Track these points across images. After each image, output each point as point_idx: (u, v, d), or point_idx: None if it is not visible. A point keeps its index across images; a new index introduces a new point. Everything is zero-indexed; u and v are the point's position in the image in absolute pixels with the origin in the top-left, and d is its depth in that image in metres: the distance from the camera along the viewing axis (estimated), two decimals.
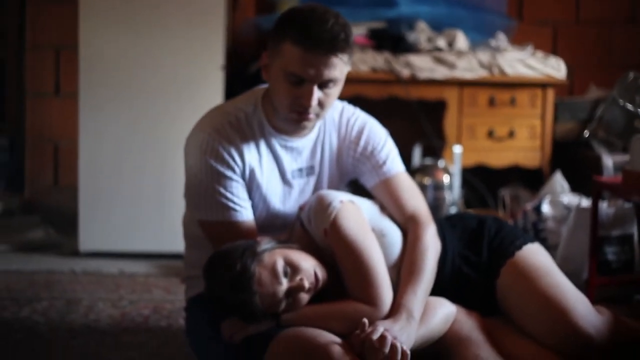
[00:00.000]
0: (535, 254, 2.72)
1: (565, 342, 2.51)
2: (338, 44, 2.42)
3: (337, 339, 2.36)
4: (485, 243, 2.75)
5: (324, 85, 2.47)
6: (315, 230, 2.50)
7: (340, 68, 2.46)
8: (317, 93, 2.46)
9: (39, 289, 3.71)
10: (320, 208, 2.49)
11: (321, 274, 2.43)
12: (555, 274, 2.66)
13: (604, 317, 2.60)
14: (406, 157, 3.63)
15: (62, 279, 3.89)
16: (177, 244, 2.99)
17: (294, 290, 2.38)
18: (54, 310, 3.42)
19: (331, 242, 2.47)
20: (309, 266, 2.41)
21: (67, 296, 3.62)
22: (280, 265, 2.38)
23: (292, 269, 2.39)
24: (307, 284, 2.38)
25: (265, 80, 2.57)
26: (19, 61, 5.11)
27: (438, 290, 2.59)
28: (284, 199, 2.67)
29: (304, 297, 2.40)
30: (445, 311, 2.56)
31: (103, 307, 3.47)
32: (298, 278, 2.39)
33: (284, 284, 2.38)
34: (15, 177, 5.11)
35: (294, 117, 2.52)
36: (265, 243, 2.44)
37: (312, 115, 2.51)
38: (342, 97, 2.79)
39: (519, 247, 2.72)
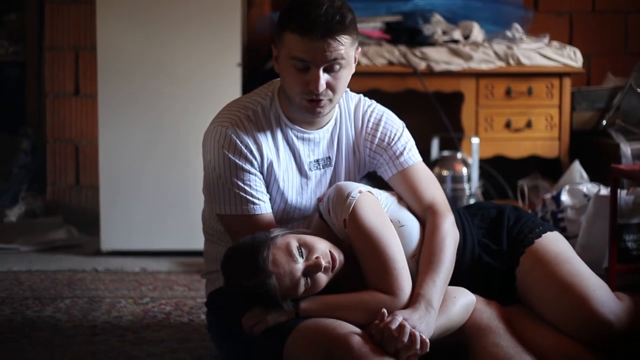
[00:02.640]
0: (555, 242, 2.72)
1: (585, 328, 2.51)
2: (333, 26, 2.45)
3: (357, 329, 2.38)
4: (504, 232, 2.76)
5: (330, 68, 2.49)
6: (334, 221, 2.52)
7: (342, 50, 2.48)
8: (324, 77, 2.49)
9: (62, 288, 3.74)
10: (339, 198, 2.50)
11: (337, 254, 2.44)
12: (575, 261, 2.66)
13: (624, 303, 2.59)
14: (424, 150, 3.64)
15: (85, 278, 3.92)
16: (197, 241, 3.01)
17: (312, 270, 2.39)
18: (76, 308, 3.45)
19: (350, 232, 2.48)
20: (324, 247, 2.43)
21: (89, 294, 3.65)
22: (294, 245, 2.40)
23: (308, 249, 2.41)
24: (324, 262, 2.40)
25: (276, 71, 2.60)
26: (39, 62, 5.14)
27: (457, 279, 2.60)
28: (301, 191, 2.69)
29: (322, 277, 2.42)
30: (465, 300, 2.56)
31: (125, 305, 3.50)
32: (314, 257, 2.40)
33: (300, 263, 2.39)
34: (37, 178, 5.14)
35: (307, 105, 2.54)
36: (277, 230, 2.46)
37: (324, 101, 2.53)
38: (359, 91, 2.81)
39: (539, 235, 2.72)
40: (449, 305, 2.52)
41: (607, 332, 2.50)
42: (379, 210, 2.54)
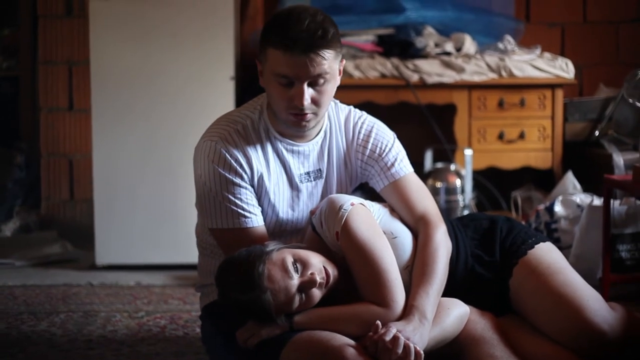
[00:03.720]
0: (548, 253, 2.73)
1: (579, 339, 2.52)
2: (315, 41, 2.45)
3: (351, 341, 2.38)
4: (497, 242, 2.76)
5: (314, 82, 2.50)
6: (327, 234, 2.52)
7: (326, 64, 2.49)
8: (308, 91, 2.50)
9: (57, 302, 3.74)
10: (331, 211, 2.51)
11: (331, 269, 2.44)
12: (568, 272, 2.67)
13: (618, 313, 2.60)
14: (417, 162, 3.65)
15: (80, 292, 3.92)
16: (192, 255, 3.01)
17: (306, 286, 2.40)
18: (71, 322, 3.45)
19: (343, 245, 2.49)
20: (318, 262, 2.44)
21: (84, 308, 3.65)
22: (289, 260, 2.40)
23: (302, 265, 2.41)
24: (318, 278, 2.40)
25: (262, 85, 2.61)
26: (32, 77, 5.15)
27: (451, 290, 2.60)
28: (292, 204, 2.69)
29: (316, 293, 2.42)
30: (459, 311, 2.57)
31: (120, 319, 3.50)
32: (309, 273, 2.41)
33: (295, 278, 2.39)
34: (31, 192, 5.14)
35: (292, 119, 2.55)
36: (272, 244, 2.47)
37: (309, 115, 2.54)
38: (352, 103, 2.82)
39: (532, 246, 2.73)
40: (443, 316, 2.53)
41: (601, 341, 2.50)
42: (371, 222, 2.54)
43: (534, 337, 2.60)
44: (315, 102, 2.52)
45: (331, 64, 2.51)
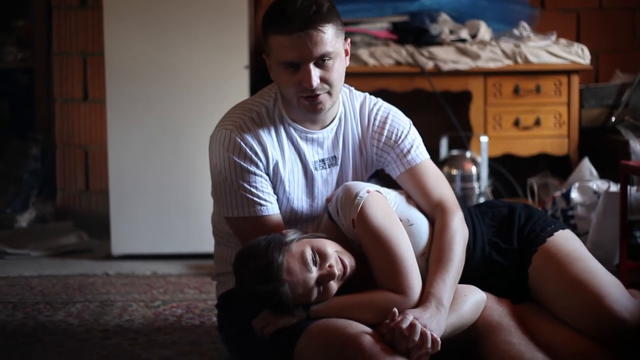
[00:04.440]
0: (567, 240, 2.71)
1: (599, 326, 2.50)
2: (310, 17, 2.46)
3: (368, 329, 2.38)
4: (515, 230, 2.75)
5: (320, 62, 2.50)
6: (343, 221, 2.52)
7: (327, 40, 2.49)
8: (315, 71, 2.49)
9: (73, 292, 3.75)
10: (347, 199, 2.50)
11: (348, 260, 2.44)
12: (587, 259, 2.65)
13: (638, 300, 2.59)
14: (433, 149, 3.64)
15: (96, 282, 3.93)
16: (208, 244, 3.02)
17: (324, 279, 2.40)
18: (88, 312, 3.46)
19: (359, 232, 2.48)
20: (334, 252, 2.43)
21: (100, 298, 3.66)
22: (309, 253, 2.39)
23: (321, 257, 2.41)
24: (337, 271, 2.40)
25: (272, 79, 2.62)
26: (47, 68, 5.16)
27: (468, 277, 2.59)
28: (307, 191, 2.69)
29: (334, 285, 2.42)
30: (476, 298, 2.56)
31: (136, 308, 3.51)
32: (327, 265, 2.40)
33: (314, 272, 2.39)
34: (47, 183, 5.16)
35: (306, 104, 2.55)
36: (291, 234, 2.46)
37: (321, 95, 2.53)
38: (367, 91, 2.81)
39: (551, 234, 2.71)
40: (460, 303, 2.52)
41: (621, 329, 2.49)
42: (387, 209, 2.53)
43: (552, 324, 2.59)
44: (325, 80, 2.52)
45: (332, 40, 2.50)
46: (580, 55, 4.60)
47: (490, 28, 4.72)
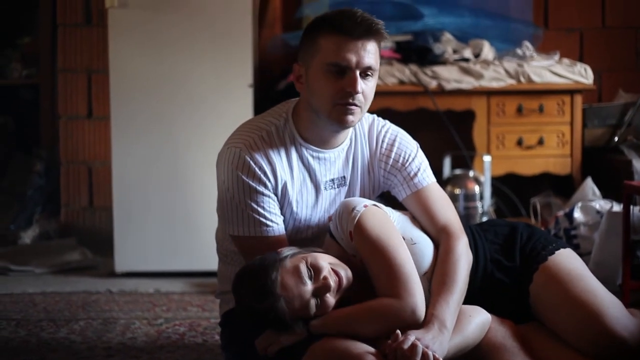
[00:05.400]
0: (568, 259, 2.72)
1: (599, 345, 2.51)
2: (372, 27, 2.52)
3: (371, 349, 2.38)
4: (517, 248, 2.75)
5: (364, 73, 2.53)
6: (342, 235, 2.53)
7: (376, 56, 2.54)
8: (360, 81, 2.51)
9: (77, 310, 3.75)
10: (345, 212, 2.52)
11: (344, 272, 2.44)
12: (588, 278, 2.66)
13: (638, 320, 2.60)
14: (436, 168, 3.64)
15: (99, 299, 3.94)
16: (211, 262, 3.02)
17: (320, 291, 2.40)
18: (91, 329, 3.46)
19: (357, 244, 2.49)
20: (327, 264, 2.44)
21: (104, 316, 3.66)
22: (303, 267, 2.40)
23: (315, 271, 2.41)
24: (332, 283, 2.40)
25: (299, 91, 2.62)
26: (52, 85, 5.18)
27: (470, 296, 2.59)
28: (315, 210, 2.70)
29: (330, 298, 2.42)
30: (481, 319, 2.56)
31: (139, 326, 3.51)
32: (322, 277, 2.41)
33: (309, 285, 2.40)
34: (51, 200, 5.17)
35: (339, 111, 2.54)
36: (287, 251, 2.47)
37: (356, 108, 2.54)
38: (370, 110, 2.82)
39: (552, 252, 2.72)
40: (465, 324, 2.52)
41: (621, 348, 2.50)
42: (384, 220, 2.54)
43: (554, 345, 2.59)
44: (363, 94, 2.54)
45: (378, 57, 2.56)
46: (583, 75, 4.61)
47: (493, 47, 4.74)
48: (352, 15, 2.52)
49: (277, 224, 2.60)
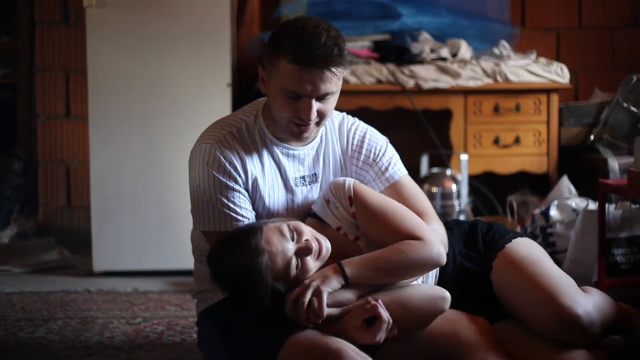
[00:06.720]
0: (524, 246, 2.80)
1: (555, 324, 2.57)
2: (332, 59, 2.48)
3: (350, 345, 2.41)
4: (479, 239, 2.84)
5: (321, 97, 2.52)
6: (337, 204, 2.60)
7: (336, 81, 2.53)
8: (315, 105, 2.52)
9: (54, 309, 3.75)
10: (337, 186, 2.61)
11: (324, 242, 2.51)
12: (543, 262, 2.74)
13: (595, 298, 2.66)
14: (413, 167, 3.66)
15: (77, 299, 3.93)
16: (189, 261, 3.02)
17: (302, 251, 2.46)
18: (69, 329, 3.46)
19: (358, 204, 2.58)
20: (310, 231, 2.51)
21: (82, 315, 3.66)
22: (285, 228, 2.47)
23: (297, 234, 2.47)
24: (314, 245, 2.46)
25: (263, 92, 2.64)
26: (30, 84, 5.16)
27: (444, 287, 2.63)
28: (287, 207, 2.71)
29: (311, 262, 2.47)
30: (433, 291, 2.59)
31: (117, 325, 3.51)
32: (304, 239, 2.46)
33: (292, 243, 2.45)
34: (29, 199, 5.15)
35: (294, 130, 2.58)
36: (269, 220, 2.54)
37: (312, 126, 2.57)
38: (348, 109, 2.85)
39: (509, 240, 2.81)
40: (410, 287, 2.57)
41: (576, 325, 2.55)
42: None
43: (529, 341, 2.63)
44: (320, 114, 2.56)
45: (339, 81, 2.55)
46: (559, 74, 4.64)
47: (470, 47, 4.76)
48: (312, 41, 2.46)
49: (247, 219, 2.62)
